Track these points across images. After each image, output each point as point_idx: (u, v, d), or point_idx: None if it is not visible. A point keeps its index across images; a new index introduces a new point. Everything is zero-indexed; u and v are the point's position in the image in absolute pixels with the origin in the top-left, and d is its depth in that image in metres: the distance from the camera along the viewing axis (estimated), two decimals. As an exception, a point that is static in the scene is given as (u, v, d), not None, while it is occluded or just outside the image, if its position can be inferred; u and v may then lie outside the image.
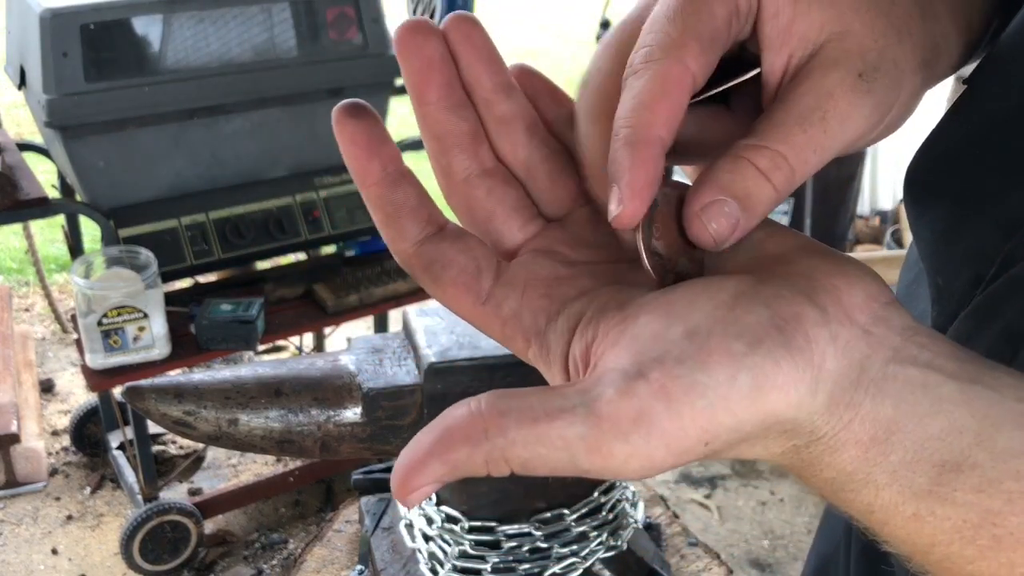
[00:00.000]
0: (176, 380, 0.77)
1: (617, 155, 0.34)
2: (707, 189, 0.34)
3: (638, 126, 0.34)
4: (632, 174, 0.34)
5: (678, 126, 0.34)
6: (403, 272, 2.28)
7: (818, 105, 0.34)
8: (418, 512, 0.93)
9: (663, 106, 0.34)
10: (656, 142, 0.34)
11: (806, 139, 0.33)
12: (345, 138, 0.37)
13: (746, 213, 0.33)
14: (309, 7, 2.07)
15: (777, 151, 0.33)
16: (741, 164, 0.33)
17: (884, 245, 3.19)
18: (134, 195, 2.03)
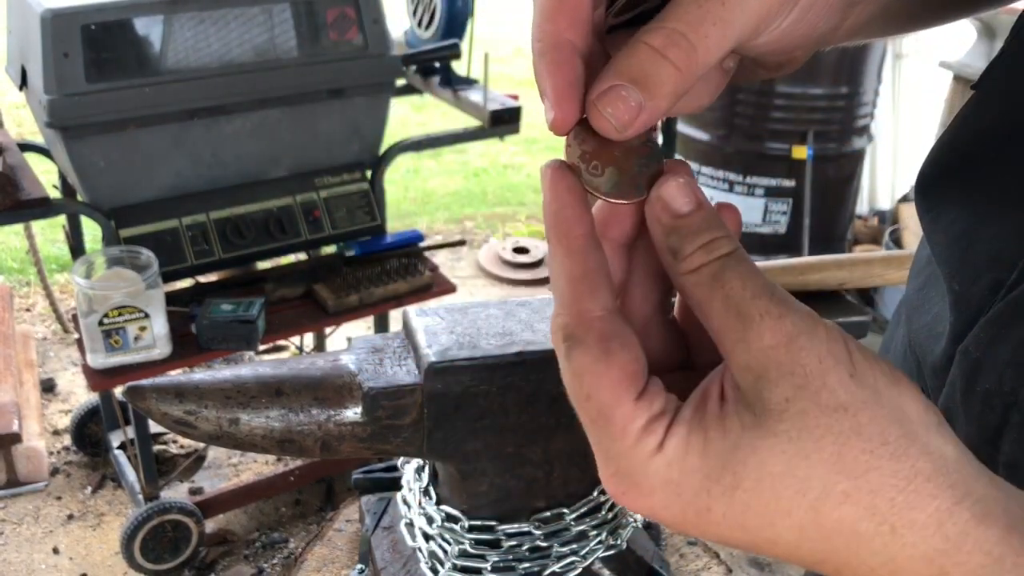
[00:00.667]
0: (177, 380, 0.78)
1: (536, 70, 0.35)
2: (603, 77, 0.35)
3: (544, 36, 0.35)
4: (552, 80, 0.35)
5: (584, 22, 0.35)
6: (403, 272, 2.29)
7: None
8: (418, 511, 0.94)
9: (564, 7, 0.35)
10: (564, 45, 0.35)
11: (702, 12, 0.34)
12: (560, 188, 0.37)
13: (648, 95, 0.34)
14: (309, 8, 2.07)
15: (673, 28, 0.34)
16: (636, 47, 0.34)
17: (883, 245, 3.19)
18: (135, 195, 2.03)
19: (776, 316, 0.33)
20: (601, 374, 0.34)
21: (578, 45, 0.35)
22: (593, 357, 0.35)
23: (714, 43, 0.34)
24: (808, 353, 0.32)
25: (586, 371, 0.35)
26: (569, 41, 0.35)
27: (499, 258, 4.08)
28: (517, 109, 2.40)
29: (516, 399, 0.82)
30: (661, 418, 0.34)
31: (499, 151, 5.51)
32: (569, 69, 0.35)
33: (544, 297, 0.91)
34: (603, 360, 0.35)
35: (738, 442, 0.32)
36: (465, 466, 0.85)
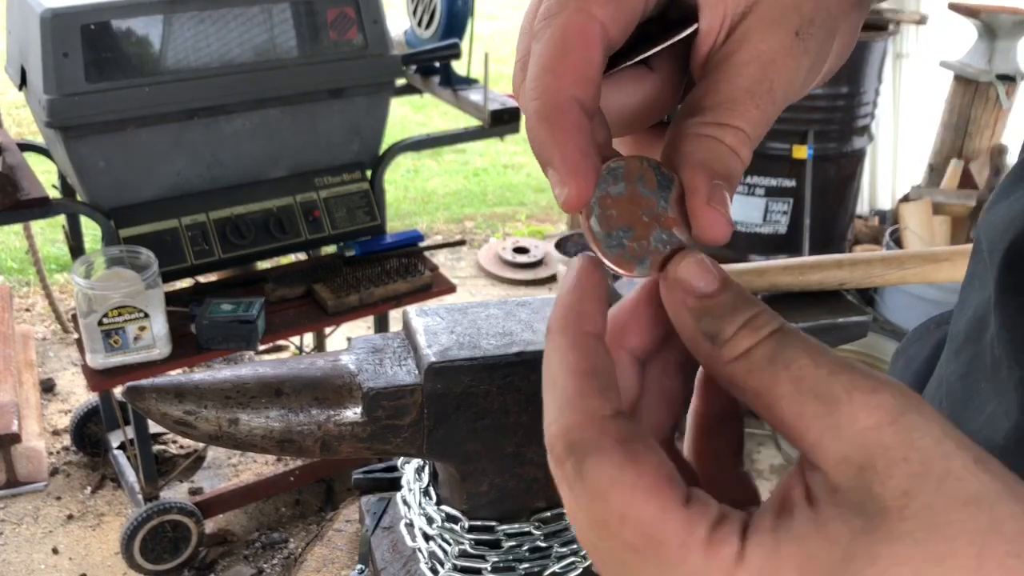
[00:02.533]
0: (176, 380, 0.78)
1: (534, 134, 0.32)
2: (702, 175, 0.32)
3: (545, 93, 0.31)
4: (561, 150, 0.31)
5: (594, 80, 0.32)
6: (403, 272, 2.29)
7: (764, 76, 0.33)
8: (418, 511, 0.94)
9: (569, 62, 0.31)
10: (569, 105, 0.31)
11: (760, 113, 0.33)
12: (587, 283, 0.32)
13: (732, 190, 0.33)
14: (309, 8, 2.07)
15: (740, 128, 0.33)
16: (715, 146, 0.33)
17: (883, 245, 3.19)
18: (135, 195, 2.03)
19: (868, 391, 0.27)
20: (633, 484, 0.27)
21: (586, 102, 0.31)
22: (616, 465, 0.28)
23: (763, 131, 0.34)
24: (922, 433, 0.26)
25: (612, 484, 0.27)
26: (576, 100, 0.31)
27: (499, 258, 4.08)
28: (517, 109, 2.40)
29: (516, 399, 0.82)
30: (725, 525, 0.28)
31: (499, 151, 5.51)
32: (580, 136, 0.31)
33: (544, 297, 0.91)
34: (631, 465, 0.28)
35: (851, 551, 0.26)
36: (465, 466, 0.85)
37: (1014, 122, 3.25)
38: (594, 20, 0.31)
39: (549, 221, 4.69)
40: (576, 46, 0.31)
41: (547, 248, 4.05)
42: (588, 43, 0.31)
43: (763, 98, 0.33)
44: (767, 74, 0.33)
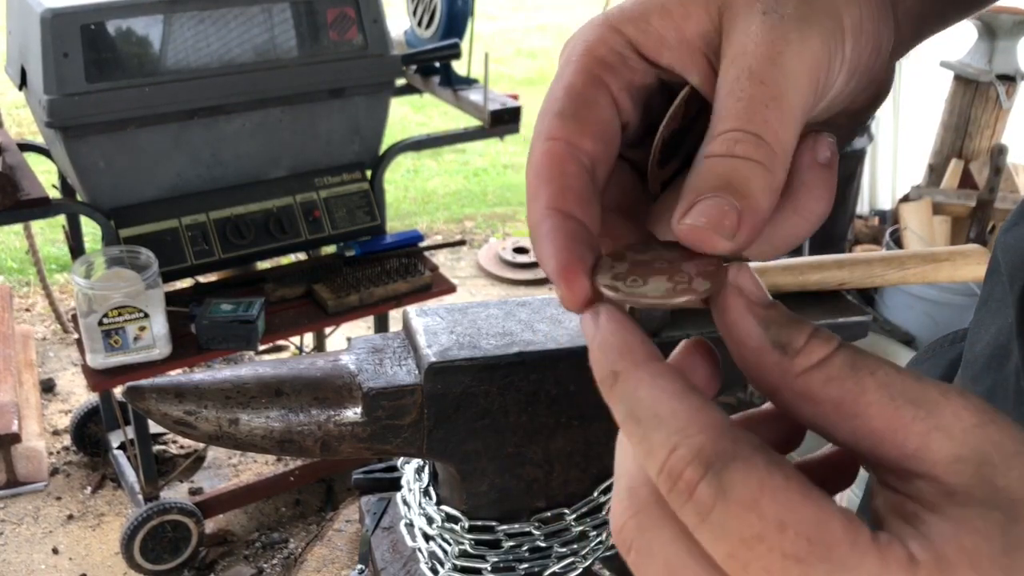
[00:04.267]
0: (177, 380, 0.78)
1: (537, 256, 0.33)
2: (683, 198, 0.31)
3: (531, 215, 0.33)
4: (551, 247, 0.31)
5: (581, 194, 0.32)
6: (403, 272, 2.29)
7: (740, 70, 0.32)
8: (418, 511, 0.94)
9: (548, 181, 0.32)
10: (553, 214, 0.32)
11: (748, 103, 0.31)
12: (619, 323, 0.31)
13: (741, 197, 0.31)
14: (309, 7, 2.07)
15: (728, 129, 0.31)
16: (701, 164, 0.32)
17: (884, 245, 3.19)
18: (135, 195, 2.03)
19: (958, 393, 0.27)
20: (785, 487, 0.25)
21: (574, 213, 0.32)
22: (763, 469, 0.26)
23: (778, 124, 0.31)
24: (1018, 429, 0.27)
25: (763, 491, 0.25)
26: (557, 210, 0.32)
27: (499, 258, 4.08)
28: (517, 109, 2.40)
29: (516, 399, 0.82)
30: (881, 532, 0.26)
31: (499, 151, 5.51)
32: (563, 233, 0.31)
33: (544, 297, 0.91)
34: (777, 469, 0.26)
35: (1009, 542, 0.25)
36: (465, 466, 0.85)
37: (1014, 122, 3.25)
38: (557, 142, 0.33)
39: (549, 221, 4.69)
40: (544, 170, 0.33)
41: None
42: (556, 163, 0.33)
43: (744, 89, 0.31)
44: (742, 64, 0.32)
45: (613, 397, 0.30)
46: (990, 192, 2.92)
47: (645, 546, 0.28)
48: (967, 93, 3.18)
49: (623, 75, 0.35)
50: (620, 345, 0.30)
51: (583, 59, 0.35)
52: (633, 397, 0.29)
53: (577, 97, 0.34)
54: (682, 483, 0.26)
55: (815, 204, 0.34)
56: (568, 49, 0.36)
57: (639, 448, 0.28)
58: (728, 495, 0.25)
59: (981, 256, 1.15)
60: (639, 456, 0.28)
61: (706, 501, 0.26)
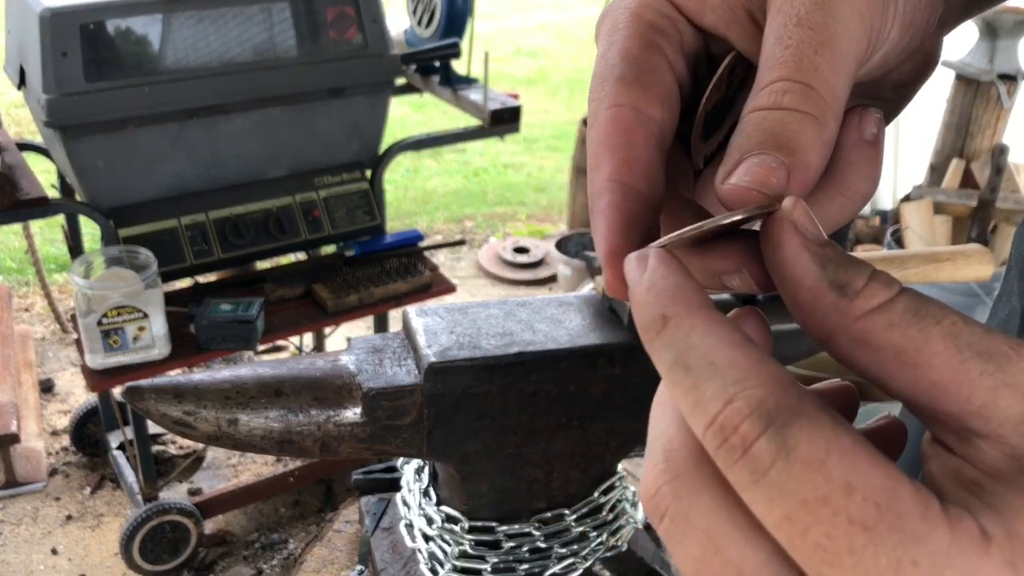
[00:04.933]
0: (176, 380, 0.77)
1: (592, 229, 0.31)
2: (725, 161, 0.30)
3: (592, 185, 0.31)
4: (605, 242, 0.30)
5: (640, 160, 0.31)
6: (403, 272, 2.28)
7: (786, 16, 0.30)
8: (418, 512, 0.93)
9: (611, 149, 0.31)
10: (609, 189, 0.30)
11: (796, 50, 0.29)
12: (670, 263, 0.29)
13: (789, 152, 0.29)
14: (309, 7, 2.07)
15: (774, 79, 0.29)
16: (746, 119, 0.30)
17: (884, 245, 3.18)
18: (134, 195, 2.03)
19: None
20: (854, 449, 0.23)
21: (639, 186, 0.30)
22: (829, 429, 0.23)
23: (829, 71, 0.29)
24: None
25: (829, 451, 0.23)
26: (619, 182, 0.30)
27: (499, 258, 4.08)
28: (517, 108, 2.40)
29: (516, 399, 0.82)
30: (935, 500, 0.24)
31: (499, 151, 5.51)
32: (620, 213, 0.30)
33: (544, 297, 0.91)
34: (844, 429, 0.24)
35: None
36: (465, 467, 0.85)
37: (1015, 121, 3.25)
38: (624, 108, 0.31)
39: (549, 221, 4.69)
40: (611, 138, 0.31)
41: (547, 248, 4.05)
42: (623, 130, 0.31)
43: (791, 36, 0.29)
44: (789, 11, 0.30)
45: (659, 343, 0.27)
46: (991, 192, 2.92)
47: (681, 514, 0.26)
48: (968, 92, 3.18)
49: (674, 38, 0.33)
50: (673, 289, 0.27)
51: (633, 23, 0.33)
52: (685, 343, 0.26)
53: (636, 62, 0.32)
54: (736, 438, 0.24)
55: (861, 183, 0.32)
56: (611, 18, 0.34)
57: (685, 399, 0.26)
58: (791, 453, 0.23)
59: (982, 256, 1.15)
60: (684, 408, 0.26)
61: (764, 458, 0.23)
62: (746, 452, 0.24)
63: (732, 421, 0.24)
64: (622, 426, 0.88)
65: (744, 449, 0.24)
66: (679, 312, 0.27)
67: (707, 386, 0.25)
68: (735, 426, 0.24)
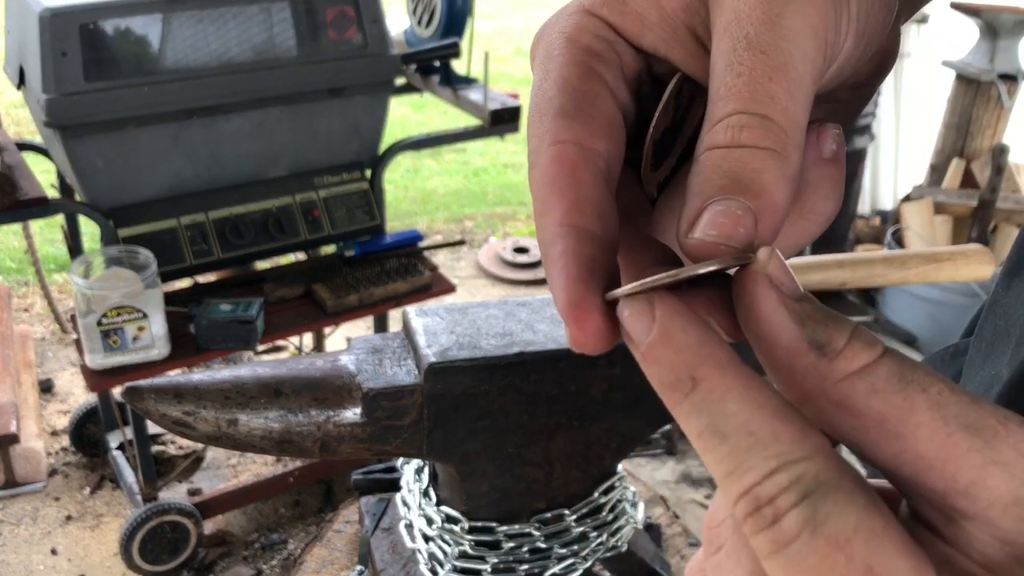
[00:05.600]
0: (175, 380, 0.77)
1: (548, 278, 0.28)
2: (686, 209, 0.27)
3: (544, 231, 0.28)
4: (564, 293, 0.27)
5: (596, 203, 0.28)
6: (403, 272, 2.28)
7: (736, 38, 0.28)
8: (418, 512, 0.93)
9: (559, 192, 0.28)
10: (568, 233, 0.28)
11: (748, 78, 0.27)
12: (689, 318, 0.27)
13: (753, 195, 0.27)
14: (309, 7, 2.07)
15: (728, 113, 0.27)
16: (702, 159, 0.28)
17: (885, 245, 3.18)
18: (133, 195, 2.03)
19: (1019, 423, 0.23)
20: (882, 532, 0.22)
21: (592, 228, 0.28)
22: (863, 508, 0.22)
23: (787, 99, 0.27)
24: None
25: (857, 531, 0.22)
26: (572, 226, 0.28)
27: (499, 258, 4.07)
28: (517, 108, 2.40)
29: (516, 399, 0.82)
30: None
31: (499, 151, 5.51)
32: (577, 259, 0.27)
33: (544, 297, 0.91)
34: (878, 512, 0.23)
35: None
36: (465, 467, 0.85)
37: (1015, 121, 3.25)
38: (566, 146, 0.29)
39: (549, 221, 4.68)
40: (556, 178, 0.29)
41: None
42: (568, 170, 0.29)
43: (742, 61, 0.27)
44: (737, 33, 0.28)
45: (688, 407, 0.25)
46: (992, 192, 2.92)
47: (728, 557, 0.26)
48: (968, 92, 3.18)
49: (614, 63, 0.31)
50: (697, 344, 0.25)
51: (569, 50, 0.31)
52: (719, 409, 0.25)
53: (575, 92, 0.30)
54: (769, 509, 0.23)
55: (822, 204, 0.30)
56: (545, 43, 0.32)
57: (719, 467, 0.24)
58: (819, 527, 0.22)
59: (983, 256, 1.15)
60: (716, 474, 0.25)
61: (791, 529, 0.22)
62: (775, 522, 0.23)
63: (769, 492, 0.23)
64: (622, 426, 0.88)
65: (775, 519, 0.23)
66: (711, 374, 0.25)
67: (746, 457, 0.24)
68: (771, 497, 0.23)
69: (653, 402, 0.88)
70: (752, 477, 0.23)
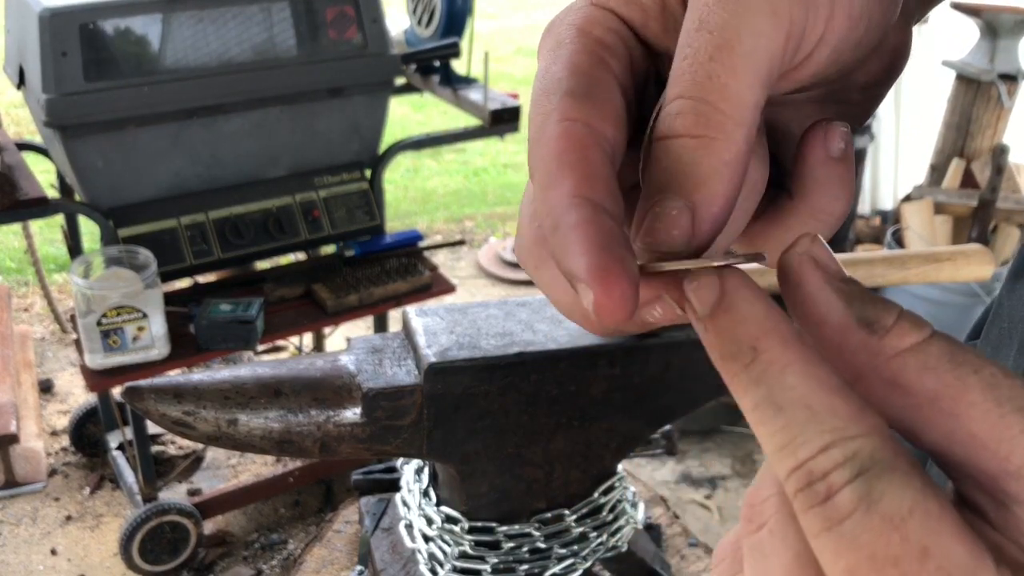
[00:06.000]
0: (175, 380, 0.77)
1: (555, 252, 0.27)
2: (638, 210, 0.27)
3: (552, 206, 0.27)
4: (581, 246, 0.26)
5: (607, 184, 0.28)
6: (402, 272, 2.28)
7: (692, 17, 0.27)
8: (418, 512, 0.93)
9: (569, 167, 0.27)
10: (584, 204, 0.27)
11: (699, 65, 0.26)
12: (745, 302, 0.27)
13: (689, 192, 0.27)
14: (309, 6, 2.06)
15: (674, 101, 0.27)
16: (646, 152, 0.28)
17: (885, 244, 3.18)
18: (133, 195, 2.03)
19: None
20: (939, 516, 0.22)
21: (605, 206, 0.27)
22: (919, 490, 0.22)
23: (728, 76, 0.26)
24: None
25: (913, 511, 0.22)
26: (587, 199, 0.26)
27: (499, 258, 4.07)
28: (517, 108, 2.40)
29: (516, 399, 0.82)
30: None
31: (499, 151, 5.51)
32: (597, 227, 0.26)
33: (544, 297, 0.91)
34: (934, 494, 0.22)
35: None
36: (465, 467, 0.85)
37: (1016, 121, 3.25)
38: (576, 123, 0.28)
39: (549, 221, 4.68)
40: (566, 153, 0.28)
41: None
42: (578, 147, 0.28)
43: (690, 43, 0.27)
44: (693, 14, 0.27)
45: (745, 378, 0.25)
46: (992, 192, 2.92)
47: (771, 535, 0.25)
48: (969, 92, 3.17)
49: (623, 57, 0.31)
50: (762, 317, 0.25)
51: (579, 39, 0.30)
52: (778, 382, 0.24)
53: (585, 77, 0.29)
54: (822, 484, 0.23)
55: (832, 204, 0.30)
56: (554, 33, 0.31)
57: (771, 440, 0.24)
58: (874, 505, 0.22)
59: (983, 256, 1.15)
60: (768, 447, 0.24)
61: (845, 507, 0.22)
62: (828, 499, 0.23)
63: (823, 467, 0.23)
64: (622, 426, 0.88)
65: (827, 496, 0.23)
66: (772, 346, 0.25)
67: (801, 430, 0.24)
68: (825, 472, 0.23)
69: (653, 402, 0.88)
70: (806, 451, 0.23)
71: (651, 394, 0.87)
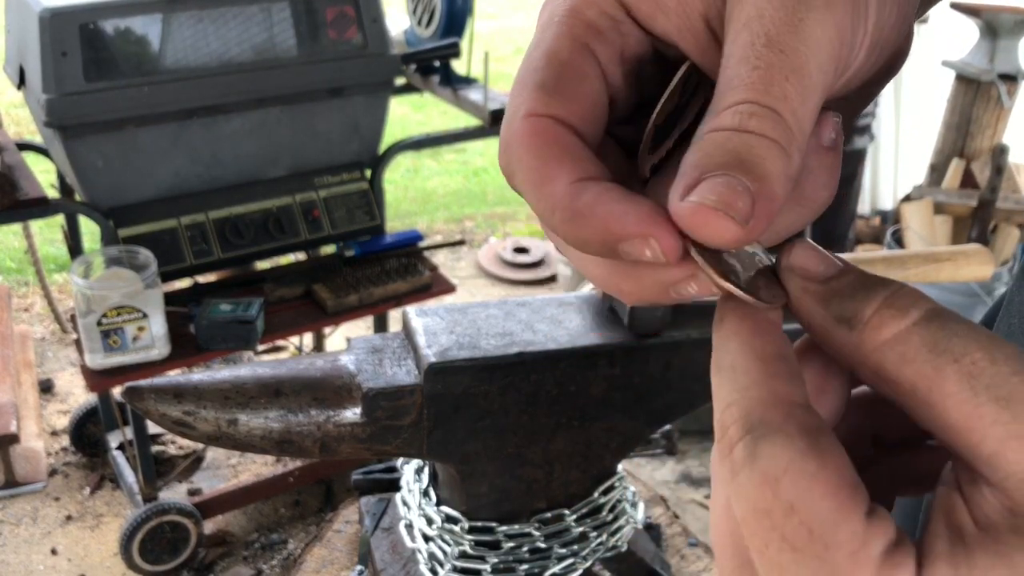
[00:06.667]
0: (175, 380, 0.77)
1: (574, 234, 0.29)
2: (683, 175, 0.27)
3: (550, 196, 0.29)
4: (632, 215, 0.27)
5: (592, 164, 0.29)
6: (402, 272, 2.28)
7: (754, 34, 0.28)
8: (418, 512, 0.93)
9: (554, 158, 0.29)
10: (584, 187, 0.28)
11: (766, 72, 0.27)
12: None
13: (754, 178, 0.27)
14: (309, 6, 2.06)
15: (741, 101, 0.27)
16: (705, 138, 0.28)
17: (885, 244, 3.18)
18: (133, 195, 2.03)
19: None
20: (813, 475, 0.24)
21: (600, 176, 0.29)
22: (798, 451, 0.24)
23: (798, 101, 0.27)
24: None
25: (787, 470, 0.24)
26: (592, 179, 0.28)
27: (499, 258, 4.07)
28: (517, 108, 2.39)
29: (516, 399, 0.82)
30: (902, 548, 0.24)
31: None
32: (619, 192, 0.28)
33: (544, 297, 0.91)
34: (814, 456, 0.24)
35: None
36: (465, 467, 0.85)
37: (1015, 121, 3.25)
38: (540, 120, 0.29)
39: (549, 221, 4.68)
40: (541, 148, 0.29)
41: (547, 248, 4.05)
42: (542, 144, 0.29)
43: (760, 56, 0.27)
44: (757, 29, 0.27)
45: (715, 339, 0.29)
46: (991, 192, 2.92)
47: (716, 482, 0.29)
48: (969, 92, 3.17)
49: (613, 42, 0.31)
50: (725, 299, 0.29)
51: (568, 21, 0.30)
52: (723, 346, 0.29)
53: (561, 67, 0.30)
54: (726, 439, 0.26)
55: (819, 191, 0.31)
56: (550, 7, 0.31)
57: (713, 395, 0.28)
58: (755, 463, 0.25)
59: (983, 256, 1.15)
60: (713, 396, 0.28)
61: (737, 461, 0.25)
62: (731, 452, 0.26)
63: (725, 422, 0.27)
64: (622, 426, 0.88)
65: (730, 448, 0.26)
66: (731, 320, 0.29)
67: (722, 384, 0.27)
68: (726, 427, 0.26)
69: (653, 402, 0.88)
70: (719, 406, 0.27)
71: (651, 394, 0.87)
